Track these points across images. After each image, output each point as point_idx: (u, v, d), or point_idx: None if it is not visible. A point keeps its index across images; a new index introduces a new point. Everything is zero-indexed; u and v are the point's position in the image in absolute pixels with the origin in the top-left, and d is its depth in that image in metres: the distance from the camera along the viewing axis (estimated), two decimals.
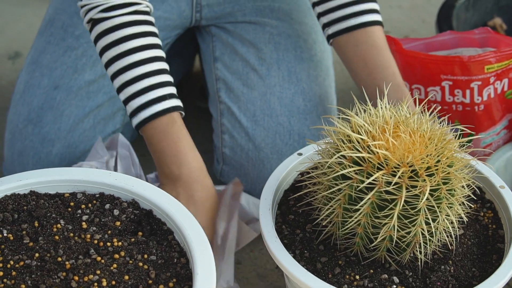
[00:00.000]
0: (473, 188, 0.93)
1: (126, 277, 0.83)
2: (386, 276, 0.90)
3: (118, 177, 0.95)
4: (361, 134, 0.87)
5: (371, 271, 0.91)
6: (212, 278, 0.82)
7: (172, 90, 1.12)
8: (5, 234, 0.88)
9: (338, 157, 0.88)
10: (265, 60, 1.32)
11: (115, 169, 1.18)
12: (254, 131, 1.29)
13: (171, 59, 1.29)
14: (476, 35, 1.33)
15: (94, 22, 1.12)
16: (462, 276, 0.92)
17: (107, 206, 0.93)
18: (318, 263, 0.92)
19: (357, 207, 0.87)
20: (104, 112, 1.31)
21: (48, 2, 1.40)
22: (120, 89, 1.12)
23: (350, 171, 0.86)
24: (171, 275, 0.85)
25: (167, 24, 1.35)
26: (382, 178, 0.85)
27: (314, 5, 1.24)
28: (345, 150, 0.87)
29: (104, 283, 0.82)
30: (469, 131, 0.97)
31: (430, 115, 0.90)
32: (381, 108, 0.90)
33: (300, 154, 1.05)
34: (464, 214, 0.91)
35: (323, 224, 0.93)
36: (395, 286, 0.89)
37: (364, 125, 0.88)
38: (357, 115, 0.90)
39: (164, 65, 1.13)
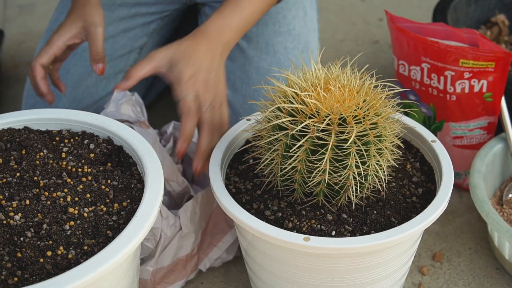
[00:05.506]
0: (402, 138, 1.03)
1: (88, 196, 0.97)
2: (330, 217, 1.01)
3: (98, 118, 1.09)
4: (295, 90, 0.99)
5: (317, 212, 1.02)
6: (157, 201, 0.94)
7: None
8: None
9: (275, 111, 0.99)
10: (246, 34, 1.45)
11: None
12: (234, 98, 1.42)
13: None
14: (464, 34, 1.38)
15: None
16: (398, 216, 1.02)
17: (86, 141, 1.07)
18: (268, 211, 1.02)
19: (291, 153, 0.98)
20: (106, 72, 1.45)
21: None
22: None
23: (284, 121, 0.97)
24: (126, 197, 0.98)
25: None
26: (313, 126, 0.96)
27: None
28: (280, 103, 0.99)
29: (68, 199, 0.96)
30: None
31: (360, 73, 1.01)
32: (315, 68, 1.02)
33: (249, 120, 1.16)
34: (395, 162, 1.01)
35: (266, 174, 1.04)
36: (343, 229, 0.99)
37: (298, 82, 1.00)
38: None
39: None
